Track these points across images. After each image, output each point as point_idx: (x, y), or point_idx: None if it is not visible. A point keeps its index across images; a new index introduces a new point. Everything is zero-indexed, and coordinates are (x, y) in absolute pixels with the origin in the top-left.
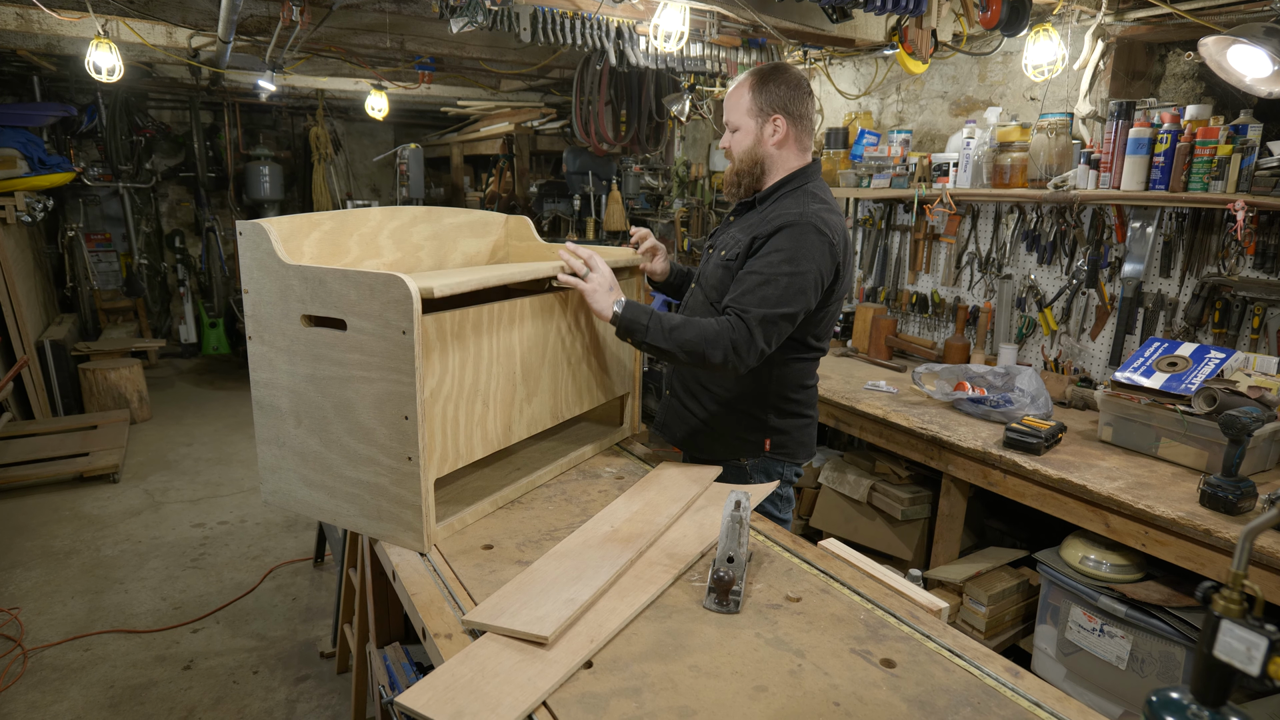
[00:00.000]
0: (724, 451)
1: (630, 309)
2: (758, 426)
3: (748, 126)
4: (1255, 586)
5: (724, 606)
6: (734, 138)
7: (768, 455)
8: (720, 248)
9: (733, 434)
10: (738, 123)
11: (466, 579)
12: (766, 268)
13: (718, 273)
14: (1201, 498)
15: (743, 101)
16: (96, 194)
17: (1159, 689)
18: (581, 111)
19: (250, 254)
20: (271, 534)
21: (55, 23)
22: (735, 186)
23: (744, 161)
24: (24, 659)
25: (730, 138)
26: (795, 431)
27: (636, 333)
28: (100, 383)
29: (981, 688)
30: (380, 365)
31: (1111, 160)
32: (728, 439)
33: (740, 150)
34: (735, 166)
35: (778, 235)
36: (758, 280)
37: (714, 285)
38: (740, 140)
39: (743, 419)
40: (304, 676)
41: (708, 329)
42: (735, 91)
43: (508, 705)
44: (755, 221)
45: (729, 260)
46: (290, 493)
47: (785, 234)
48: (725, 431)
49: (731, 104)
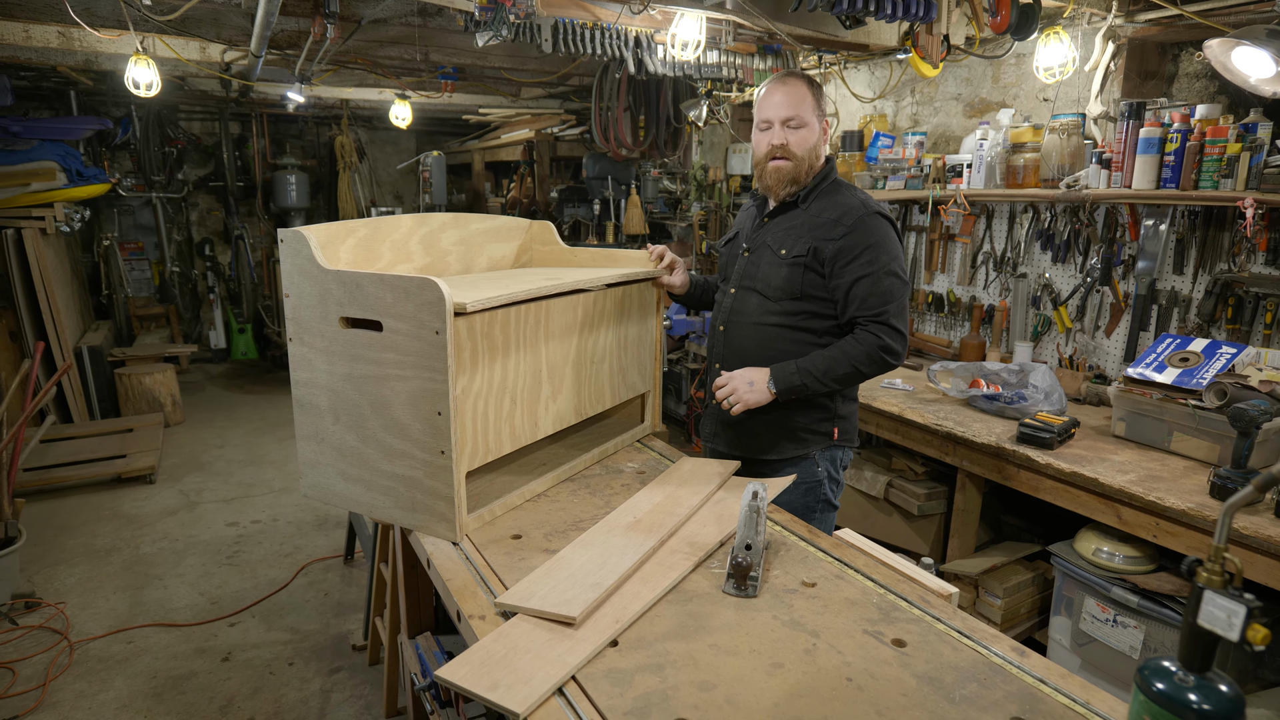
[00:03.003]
0: (795, 448)
1: (780, 381)
2: (827, 416)
3: (813, 124)
4: (1235, 559)
5: (742, 591)
6: (798, 134)
7: (835, 443)
8: (773, 247)
9: (804, 428)
10: (806, 119)
11: (497, 566)
12: (868, 267)
13: (781, 270)
14: (1211, 489)
15: (807, 100)
16: (130, 204)
17: (1150, 658)
18: (601, 118)
19: (290, 260)
20: (303, 532)
21: (95, 40)
22: (796, 184)
23: (810, 157)
24: (70, 651)
25: (791, 134)
26: (852, 416)
27: (800, 393)
28: (135, 387)
29: (988, 665)
30: (414, 364)
31: (1123, 160)
32: (799, 433)
33: (807, 147)
34: (803, 163)
35: (856, 233)
36: (870, 283)
37: (778, 285)
38: (807, 137)
39: (812, 411)
40: (337, 668)
41: (853, 354)
42: (797, 91)
43: (539, 678)
44: (806, 221)
45: (797, 257)
46: (329, 486)
47: (862, 230)
48: (797, 426)
49: (796, 101)
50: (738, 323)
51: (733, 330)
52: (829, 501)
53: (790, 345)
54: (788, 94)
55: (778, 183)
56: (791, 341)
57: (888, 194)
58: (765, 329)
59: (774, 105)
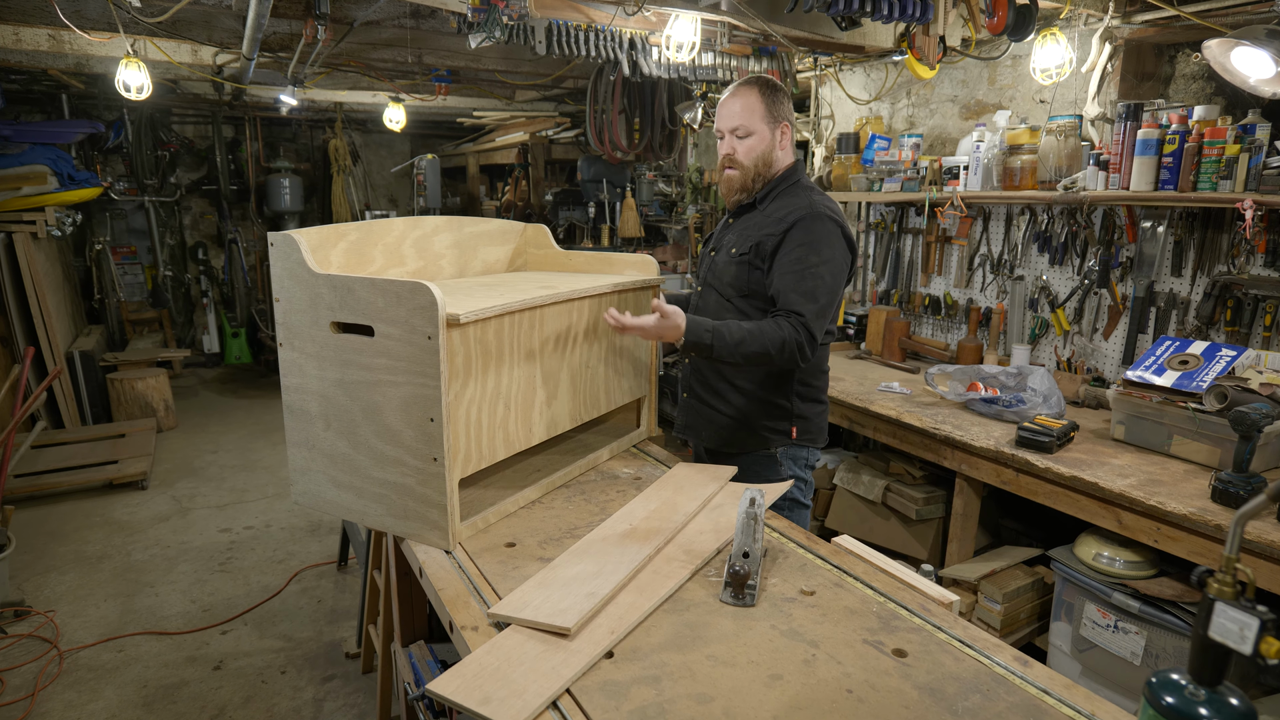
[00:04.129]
0: (754, 443)
1: (691, 332)
2: (784, 414)
3: (762, 132)
4: (1248, 570)
5: (740, 600)
6: (745, 143)
7: (795, 442)
8: (728, 246)
9: (761, 425)
10: (752, 128)
11: (491, 575)
12: (796, 264)
13: (730, 268)
14: (1213, 494)
15: (757, 109)
16: (123, 208)
17: (1158, 670)
18: (595, 120)
19: (281, 264)
20: (296, 538)
21: (85, 43)
22: (745, 191)
23: (758, 165)
24: (60, 660)
25: (738, 143)
26: (815, 417)
27: (701, 352)
28: (128, 392)
29: (991, 675)
30: (406, 370)
31: (1120, 161)
32: (757, 430)
33: (755, 155)
34: (749, 171)
35: (794, 230)
36: (794, 279)
37: (729, 281)
38: (754, 145)
39: (770, 409)
40: (330, 676)
41: (769, 336)
42: (745, 100)
43: (533, 691)
44: (759, 221)
45: (742, 254)
46: (320, 494)
47: (800, 228)
48: (754, 423)
49: (742, 110)
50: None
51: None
52: (797, 500)
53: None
54: (736, 103)
55: (728, 191)
56: None
57: (884, 196)
58: None
59: (723, 116)
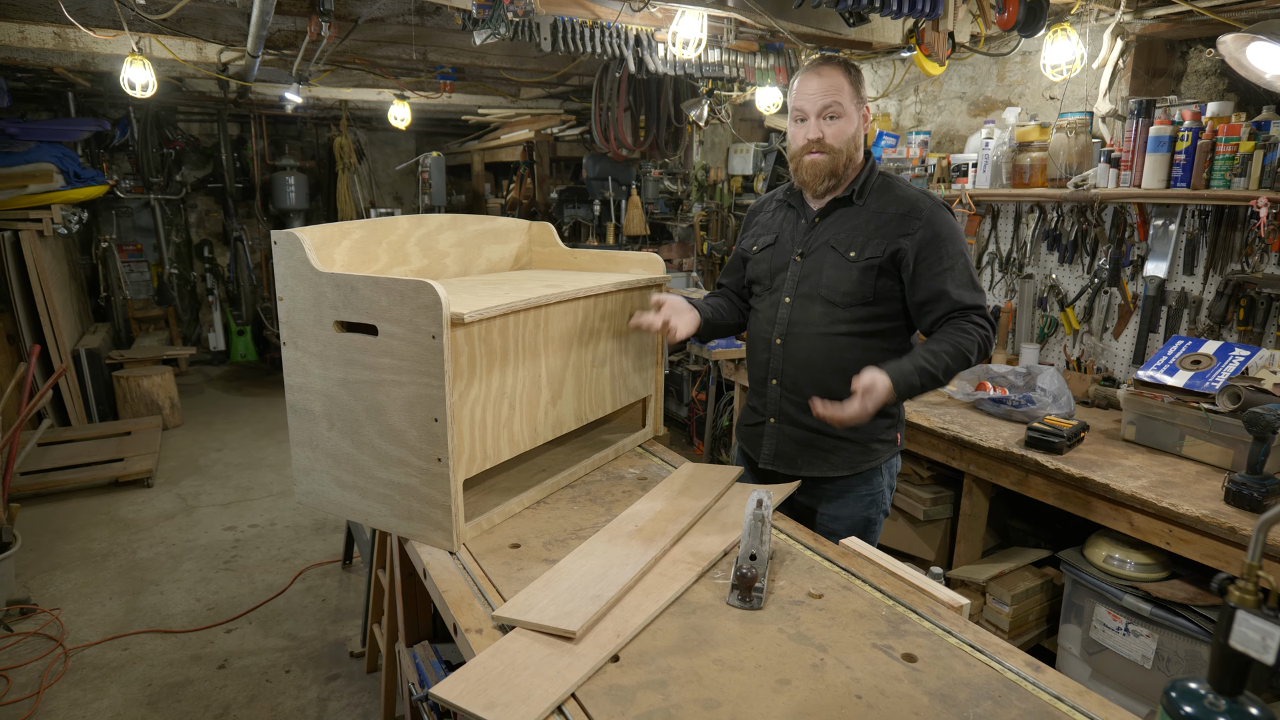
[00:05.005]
0: (866, 460)
1: (901, 383)
2: (893, 422)
3: (851, 114)
4: (1270, 578)
5: (747, 603)
6: (836, 124)
7: (897, 448)
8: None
9: (873, 438)
10: (844, 109)
11: (495, 576)
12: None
13: (850, 274)
14: (1226, 495)
15: (845, 88)
16: (129, 206)
17: (1177, 679)
18: (601, 118)
19: (284, 262)
20: (301, 537)
21: (91, 41)
22: (835, 178)
23: (850, 149)
24: (65, 658)
25: (828, 125)
26: (903, 414)
27: (916, 394)
28: (133, 390)
29: (1002, 681)
30: (410, 369)
31: (1132, 158)
32: (870, 445)
33: (845, 138)
34: (841, 156)
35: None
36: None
37: (847, 290)
38: (845, 128)
39: (880, 419)
40: (335, 675)
41: (964, 346)
42: (833, 79)
43: (538, 696)
44: (870, 220)
45: (870, 259)
46: (323, 494)
47: (936, 223)
48: (867, 437)
49: (831, 89)
50: (800, 334)
51: (794, 343)
52: (887, 511)
53: (861, 354)
54: (823, 83)
55: (814, 178)
56: (863, 350)
57: None
58: (834, 339)
59: (809, 95)
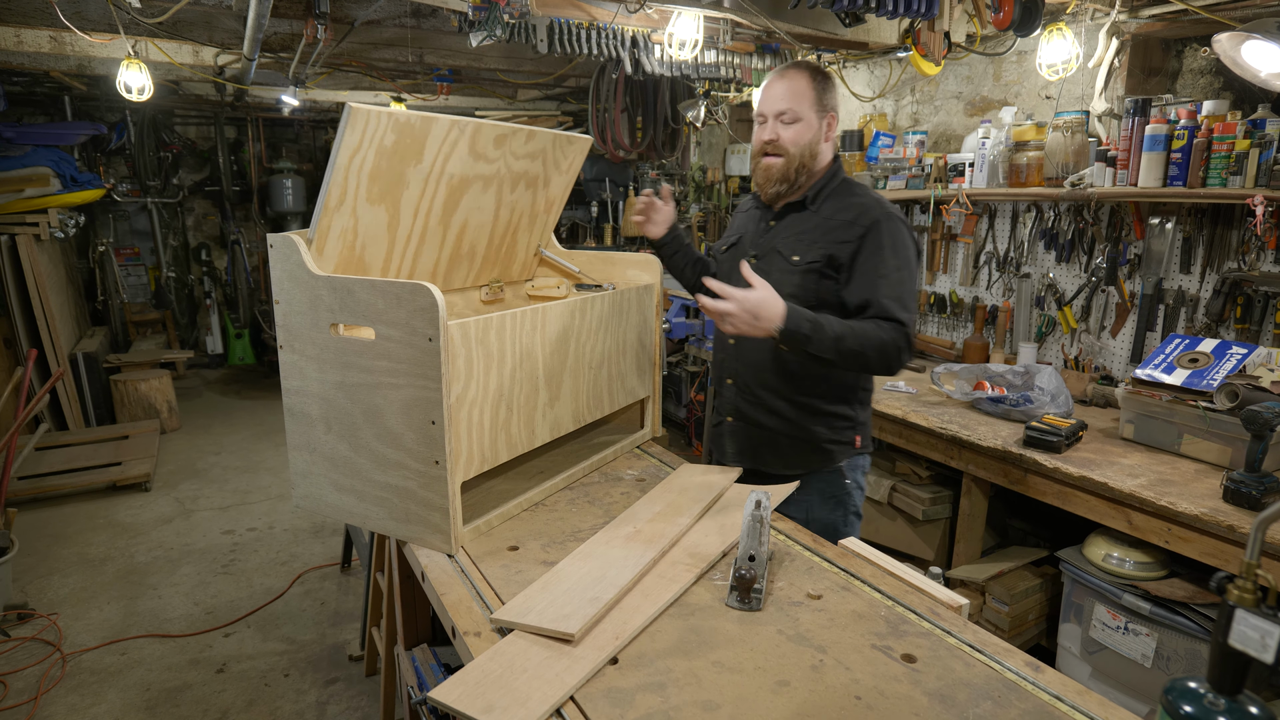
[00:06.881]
0: (819, 460)
1: (791, 321)
2: (849, 424)
3: (810, 120)
4: (1269, 576)
5: (746, 604)
6: (792, 129)
7: (857, 450)
8: (784, 252)
9: (827, 439)
10: (800, 114)
11: (494, 579)
12: (887, 271)
13: (792, 277)
14: (1224, 494)
15: (807, 94)
16: (126, 209)
17: (1176, 678)
18: (598, 119)
19: (281, 266)
20: (299, 540)
21: (87, 45)
22: (786, 182)
23: (804, 155)
24: (63, 663)
25: (783, 128)
26: (869, 422)
27: (797, 343)
28: (131, 394)
29: (1002, 682)
30: (407, 372)
31: (1128, 157)
32: (823, 445)
33: (802, 143)
34: (794, 160)
35: (873, 234)
36: (887, 285)
37: (791, 292)
38: (802, 133)
39: (834, 420)
40: (334, 679)
41: (870, 337)
42: (794, 83)
43: (537, 699)
44: (818, 224)
45: (811, 263)
46: (321, 497)
47: (880, 231)
48: (819, 439)
49: (792, 94)
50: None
51: (745, 343)
52: (858, 512)
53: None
54: (784, 86)
55: (767, 180)
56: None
57: (889, 194)
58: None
59: (769, 99)
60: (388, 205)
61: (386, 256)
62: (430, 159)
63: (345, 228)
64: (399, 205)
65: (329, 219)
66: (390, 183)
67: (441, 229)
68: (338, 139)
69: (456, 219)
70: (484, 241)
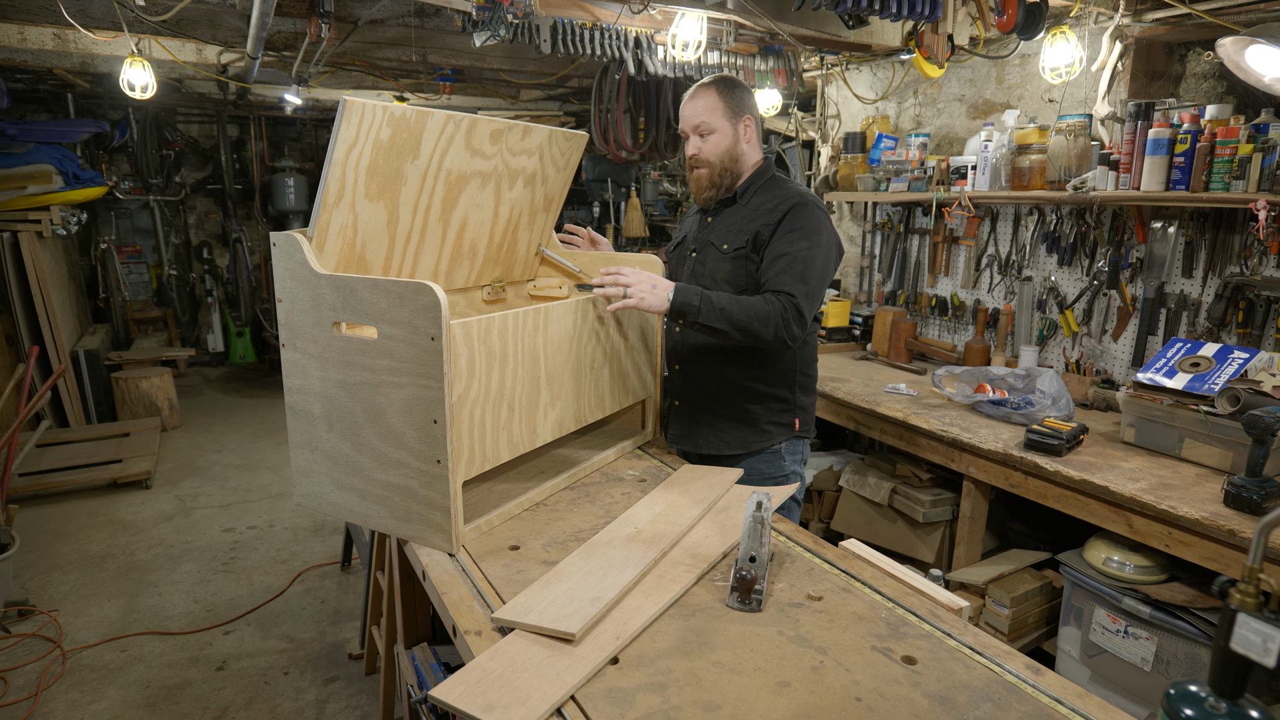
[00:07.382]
0: (758, 441)
1: (680, 294)
2: (787, 407)
3: (723, 129)
4: (1271, 580)
5: (746, 605)
6: (709, 141)
7: (796, 434)
8: (717, 244)
9: (766, 420)
10: (712, 125)
11: (494, 578)
12: (790, 248)
13: (724, 265)
14: (1225, 498)
15: (718, 107)
16: (128, 207)
17: (1177, 682)
18: (600, 120)
19: (283, 264)
20: (300, 538)
21: (90, 42)
22: (715, 188)
23: (725, 161)
24: (63, 660)
25: (702, 142)
26: (810, 407)
27: (689, 315)
28: (132, 391)
29: (1002, 684)
30: (410, 371)
31: (1131, 161)
32: (760, 426)
33: (719, 152)
34: (716, 167)
35: (789, 217)
36: (788, 262)
37: (723, 279)
38: (718, 142)
39: (772, 403)
40: (333, 677)
41: (757, 308)
42: (704, 99)
43: (537, 698)
44: (746, 215)
45: (737, 249)
46: (322, 495)
47: (794, 214)
48: (758, 420)
49: (704, 109)
50: None
51: (687, 330)
52: (797, 499)
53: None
54: (694, 104)
55: (698, 189)
56: None
57: (890, 196)
58: None
59: (685, 117)
60: (386, 201)
61: (387, 255)
62: (427, 154)
63: (345, 224)
64: (398, 201)
65: (328, 215)
66: (388, 178)
67: (441, 226)
68: (334, 133)
69: (456, 216)
70: (484, 240)
